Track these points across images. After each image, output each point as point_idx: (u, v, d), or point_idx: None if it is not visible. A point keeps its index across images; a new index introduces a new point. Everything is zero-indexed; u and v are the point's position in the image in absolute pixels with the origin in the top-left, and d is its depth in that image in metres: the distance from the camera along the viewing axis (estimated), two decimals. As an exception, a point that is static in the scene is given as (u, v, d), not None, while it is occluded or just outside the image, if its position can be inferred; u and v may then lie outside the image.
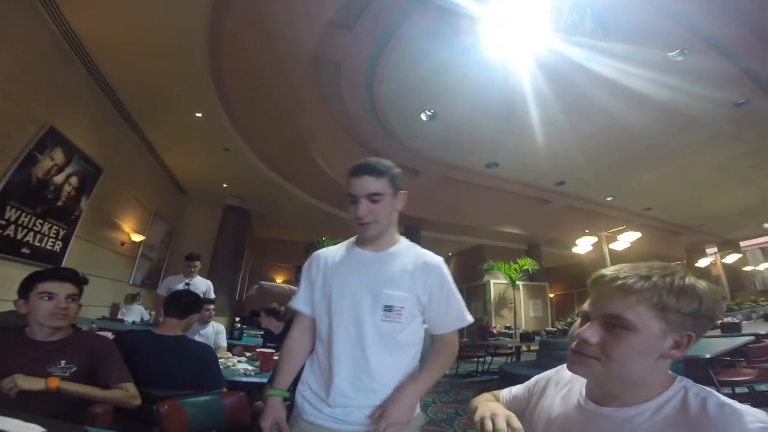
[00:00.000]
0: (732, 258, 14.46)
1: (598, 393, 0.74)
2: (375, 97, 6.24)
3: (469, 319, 1.23)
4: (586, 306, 0.73)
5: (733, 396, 3.01)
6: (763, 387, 3.69)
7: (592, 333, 0.68)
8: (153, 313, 5.91)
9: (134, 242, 6.50)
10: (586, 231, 7.57)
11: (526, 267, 9.81)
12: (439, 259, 1.26)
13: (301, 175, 7.40)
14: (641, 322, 0.64)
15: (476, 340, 7.92)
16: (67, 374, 1.50)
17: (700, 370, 3.30)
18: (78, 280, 1.63)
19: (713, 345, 3.79)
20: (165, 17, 3.70)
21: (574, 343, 0.72)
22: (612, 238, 7.21)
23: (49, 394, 1.37)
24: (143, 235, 6.69)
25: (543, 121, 6.53)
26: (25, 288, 1.53)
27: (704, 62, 5.14)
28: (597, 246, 7.41)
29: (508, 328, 10.13)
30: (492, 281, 11.34)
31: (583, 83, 5.55)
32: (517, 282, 10.19)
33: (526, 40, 4.84)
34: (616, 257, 8.22)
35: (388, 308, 1.15)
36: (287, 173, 7.46)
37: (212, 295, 4.27)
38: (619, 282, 0.67)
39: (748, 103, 6.05)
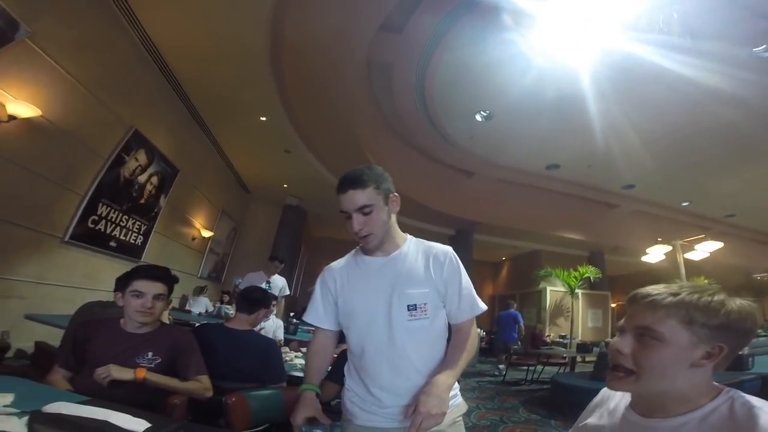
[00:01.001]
0: None
1: (642, 405, 0.76)
2: (427, 98, 6.20)
3: (482, 306, 1.24)
4: (621, 321, 0.78)
5: None
6: None
7: (624, 344, 0.73)
8: (218, 305, 6.35)
9: (204, 238, 7.01)
10: (659, 239, 6.96)
11: (587, 275, 9.23)
12: (448, 249, 1.27)
13: (356, 175, 7.55)
14: (669, 333, 0.69)
15: (527, 347, 7.60)
16: (152, 365, 1.61)
17: None
18: (169, 279, 1.73)
19: None
20: (230, 27, 3.94)
21: (611, 357, 0.76)
22: (688, 247, 6.58)
23: (132, 384, 1.49)
24: (212, 231, 7.20)
25: (608, 121, 6.10)
26: (123, 283, 1.65)
27: None
28: (670, 255, 6.80)
29: (563, 337, 9.60)
30: (549, 288, 10.80)
31: (655, 82, 5.13)
32: (576, 290, 9.62)
33: (590, 38, 4.55)
34: (691, 266, 7.50)
35: (412, 307, 1.16)
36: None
37: (287, 292, 4.71)
38: (650, 298, 0.73)
39: None
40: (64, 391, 1.39)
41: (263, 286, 4.29)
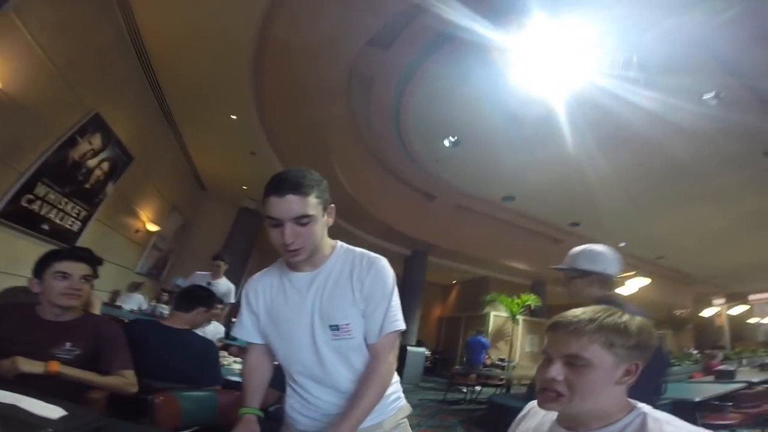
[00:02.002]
0: (739, 310, 14.36)
1: (568, 421, 0.83)
2: (401, 117, 6.36)
3: (401, 325, 1.12)
4: (546, 347, 0.84)
5: None
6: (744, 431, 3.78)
7: (557, 372, 0.78)
8: (153, 303, 5.98)
9: (149, 231, 6.64)
10: (595, 275, 7.46)
11: (528, 302, 9.68)
12: (375, 260, 1.15)
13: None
14: (596, 358, 0.76)
15: (468, 369, 7.82)
16: (70, 357, 1.49)
17: (688, 412, 3.31)
18: (93, 260, 1.63)
19: (704, 389, 4.00)
20: (219, 19, 3.90)
21: (542, 382, 0.81)
22: (619, 283, 7.11)
23: (47, 376, 1.35)
24: (158, 225, 6.84)
25: (564, 159, 6.54)
26: (41, 267, 1.51)
27: (739, 108, 5.06)
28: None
29: (502, 360, 9.98)
30: (492, 313, 11.20)
31: (611, 122, 5.50)
32: (518, 316, 10.05)
33: (559, 79, 4.89)
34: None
35: (335, 327, 1.09)
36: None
37: (232, 300, 4.28)
38: (572, 327, 0.79)
39: None
40: None
41: (206, 283, 3.92)
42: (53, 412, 0.60)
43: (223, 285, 4.33)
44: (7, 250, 3.69)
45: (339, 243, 1.20)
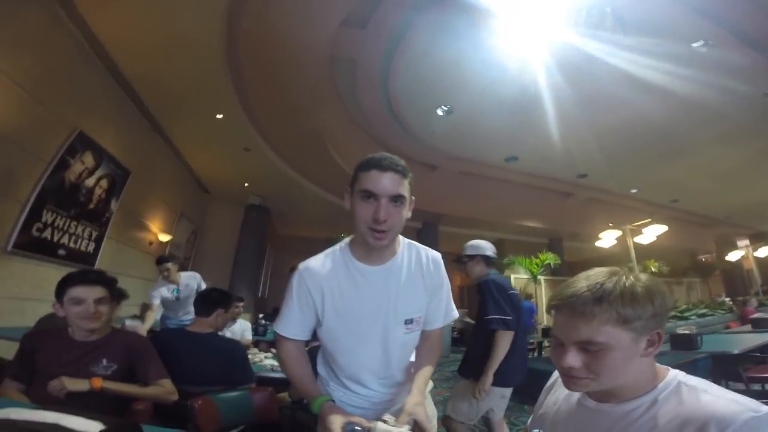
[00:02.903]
0: (765, 251, 13.90)
1: (597, 393, 0.79)
2: (390, 93, 6.25)
3: (456, 314, 1.24)
4: (554, 331, 0.77)
5: (763, 393, 2.88)
6: None
7: (573, 359, 0.72)
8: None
9: (162, 242, 6.71)
10: (610, 224, 7.39)
11: (547, 261, 9.65)
12: (438, 256, 1.21)
13: (320, 172, 7.48)
14: (612, 339, 0.69)
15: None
16: (108, 372, 1.55)
17: (729, 366, 3.22)
18: (106, 281, 1.63)
19: (742, 340, 3.75)
20: (181, 20, 3.77)
21: (560, 369, 0.76)
22: (637, 231, 7.04)
23: (93, 393, 1.43)
24: (170, 234, 6.91)
25: (562, 114, 6.41)
26: (59, 292, 1.55)
27: (730, 53, 4.98)
28: (621, 240, 7.23)
29: (528, 322, 10.04)
30: (513, 276, 11.19)
31: (603, 77, 5.44)
32: (539, 277, 10.04)
33: (543, 35, 4.78)
34: (642, 251, 8.00)
35: (409, 321, 1.13)
36: (306, 171, 7.56)
37: (204, 285, 3.97)
38: (579, 310, 0.71)
39: None
40: (17, 401, 1.34)
41: (173, 292, 3.75)
42: (93, 427, 0.61)
43: (191, 281, 3.96)
44: (30, 278, 3.77)
45: (401, 237, 1.18)
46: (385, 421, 0.96)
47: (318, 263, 1.15)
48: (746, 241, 15.00)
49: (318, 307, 1.12)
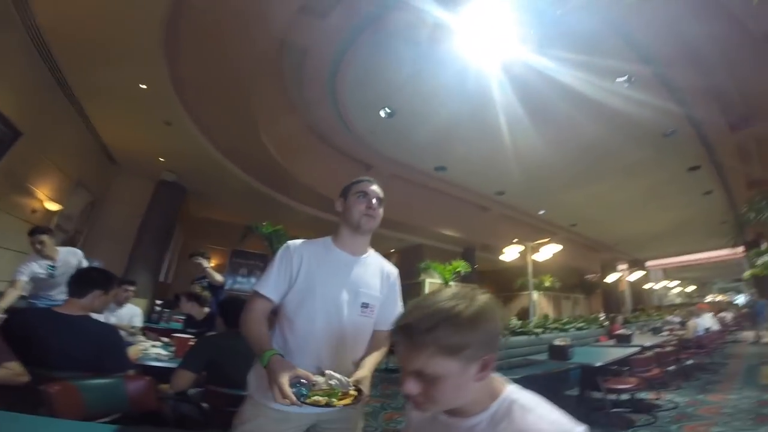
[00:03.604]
0: (636, 275, 16.29)
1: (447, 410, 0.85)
2: (337, 88, 6.24)
3: None
4: (399, 360, 0.80)
5: (618, 402, 3.35)
6: (643, 395, 4.11)
7: (411, 387, 0.76)
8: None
9: (48, 210, 5.91)
10: (515, 240, 8.12)
11: (459, 269, 10.28)
12: (396, 271, 1.54)
13: (247, 156, 7.16)
14: (442, 369, 0.73)
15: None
16: None
17: (591, 377, 3.65)
18: None
19: (605, 354, 4.24)
20: None
21: (403, 394, 0.80)
22: (536, 249, 7.81)
23: None
24: (60, 203, 6.11)
25: (494, 129, 6.86)
26: None
27: (648, 84, 5.55)
28: (523, 255, 7.98)
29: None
30: (428, 280, 11.74)
31: (539, 94, 5.81)
32: (450, 283, 10.64)
33: (486, 50, 5.05)
34: (540, 267, 8.90)
35: (365, 305, 1.37)
36: (232, 153, 7.16)
37: (85, 264, 3.45)
38: (411, 339, 0.74)
39: (674, 134, 6.76)
40: None
41: (46, 269, 3.25)
42: None
43: (71, 257, 3.45)
44: None
45: (370, 248, 1.51)
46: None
47: (303, 242, 1.42)
48: (625, 266, 17.51)
49: (294, 271, 1.34)
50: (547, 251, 7.70)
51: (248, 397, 1.34)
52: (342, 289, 1.34)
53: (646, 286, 17.96)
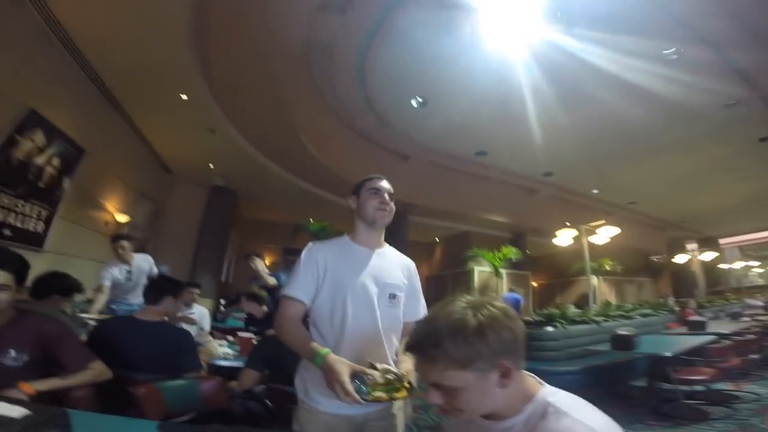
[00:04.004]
0: (709, 256, 14.75)
1: None
2: (366, 81, 6.24)
3: (425, 312, 1.48)
4: (418, 374, 0.82)
5: (690, 394, 3.10)
6: (720, 386, 3.81)
7: (434, 398, 0.77)
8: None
9: (119, 222, 6.46)
10: (567, 223, 7.72)
11: (509, 255, 9.99)
12: (412, 262, 1.56)
13: (289, 156, 7.39)
14: (458, 381, 0.72)
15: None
16: (20, 364, 1.43)
17: (661, 369, 3.41)
18: (13, 264, 1.44)
19: (676, 342, 3.91)
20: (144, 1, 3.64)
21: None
22: (592, 232, 7.38)
23: (16, 376, 1.35)
24: (128, 215, 6.65)
25: (533, 111, 6.58)
26: None
27: (699, 61, 5.17)
28: (577, 238, 7.57)
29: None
30: (477, 268, 11.51)
31: (578, 75, 5.57)
32: (501, 270, 10.38)
33: (522, 31, 4.84)
34: (599, 249, 8.42)
35: (393, 296, 1.39)
36: (274, 154, 7.43)
37: (156, 270, 3.93)
38: (423, 353, 0.76)
39: (737, 105, 6.16)
40: None
41: (124, 274, 3.70)
42: (16, 411, 0.61)
43: (144, 263, 3.90)
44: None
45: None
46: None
47: (324, 243, 1.46)
48: (695, 245, 15.99)
49: (320, 271, 1.35)
50: (604, 234, 7.23)
51: (300, 402, 1.35)
52: (369, 282, 1.36)
53: (723, 267, 16.24)
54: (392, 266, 1.46)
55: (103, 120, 5.48)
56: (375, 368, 1.12)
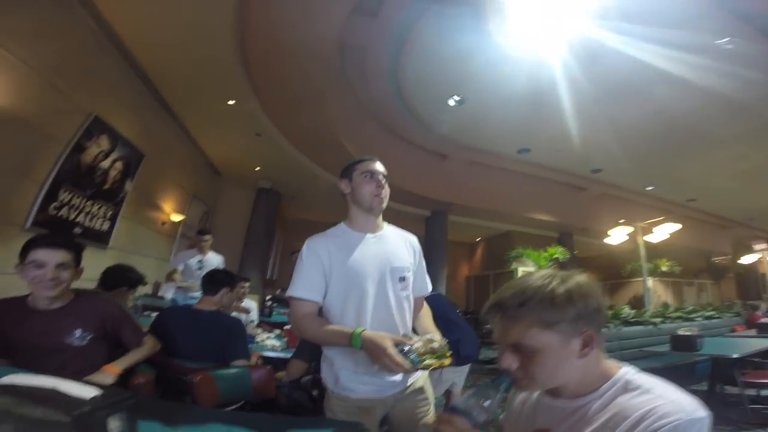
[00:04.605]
0: None
1: (552, 390, 0.82)
2: (401, 82, 6.23)
3: (430, 287, 1.55)
4: (495, 336, 0.80)
5: (758, 398, 2.89)
6: None
7: (508, 362, 0.75)
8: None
9: (174, 222, 6.88)
10: (620, 221, 7.29)
11: (556, 255, 9.59)
12: (414, 237, 1.53)
13: (329, 157, 7.51)
14: (539, 343, 0.71)
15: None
16: (85, 342, 1.52)
17: (727, 370, 3.19)
18: (73, 246, 1.52)
19: (744, 345, 3.66)
20: (192, 8, 3.82)
21: (502, 370, 0.78)
22: (648, 230, 6.92)
23: (75, 360, 1.48)
24: (183, 215, 7.07)
25: (578, 107, 6.28)
26: (22, 254, 1.43)
27: (756, 49, 4.77)
28: (633, 237, 7.14)
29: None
30: (520, 269, 11.13)
31: (623, 69, 5.30)
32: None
33: (558, 25, 4.65)
34: (654, 250, 7.89)
35: (402, 279, 1.36)
36: (316, 156, 7.59)
37: (222, 266, 4.26)
38: (505, 313, 0.75)
39: None
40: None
41: (196, 262, 4.16)
42: (88, 392, 0.66)
43: (214, 259, 4.36)
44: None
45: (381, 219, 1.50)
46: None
47: (320, 236, 1.39)
48: (764, 245, 14.55)
49: (326, 265, 1.30)
50: (662, 231, 6.75)
51: (328, 393, 1.34)
52: (378, 270, 1.32)
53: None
54: (396, 248, 1.41)
55: (159, 126, 5.81)
56: (408, 338, 1.15)
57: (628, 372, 0.76)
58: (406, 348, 1.08)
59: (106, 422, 0.65)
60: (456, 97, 6.45)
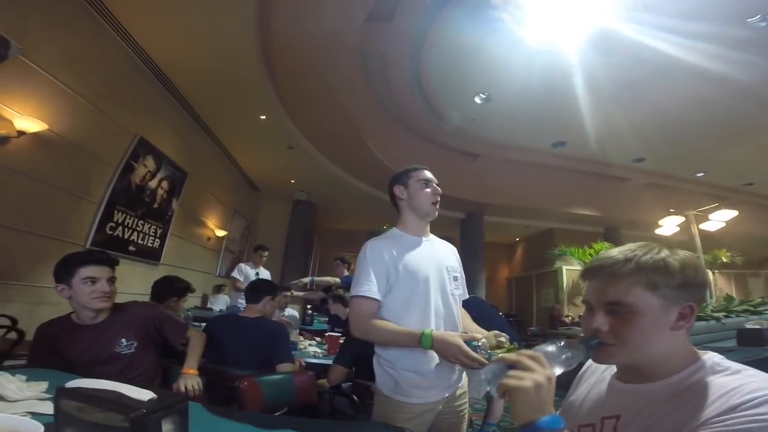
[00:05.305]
0: None
1: (626, 373, 0.79)
2: (423, 84, 6.24)
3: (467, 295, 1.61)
4: (586, 296, 0.79)
5: None
6: None
7: (601, 322, 0.72)
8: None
9: (218, 237, 7.22)
10: (671, 210, 6.85)
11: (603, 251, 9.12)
12: (453, 246, 1.63)
13: (360, 166, 7.63)
14: (641, 303, 0.69)
15: (545, 329, 7.62)
16: (132, 350, 1.62)
17: None
18: (113, 262, 1.66)
19: None
20: (219, 32, 4.04)
21: (589, 333, 0.76)
22: (703, 218, 6.45)
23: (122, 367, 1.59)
24: (225, 230, 7.41)
25: (610, 96, 6.05)
26: (66, 273, 1.51)
27: None
28: (685, 227, 6.68)
29: (582, 317, 9.53)
30: (564, 267, 10.71)
31: (657, 59, 5.08)
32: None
33: (581, 17, 4.53)
34: (711, 239, 7.32)
35: (455, 278, 1.47)
36: (347, 165, 7.74)
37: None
38: (609, 270, 0.73)
39: None
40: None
41: (254, 275, 4.60)
42: (145, 395, 0.73)
43: (264, 273, 4.86)
44: (106, 273, 4.23)
45: None
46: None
47: (381, 238, 1.46)
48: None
49: (388, 267, 1.35)
50: (719, 219, 6.26)
51: (383, 398, 1.34)
52: (436, 269, 1.40)
53: None
54: (446, 251, 1.53)
55: (198, 144, 6.13)
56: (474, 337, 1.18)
57: (714, 356, 0.72)
58: (478, 344, 1.12)
59: (160, 424, 0.71)
60: (482, 95, 6.38)
